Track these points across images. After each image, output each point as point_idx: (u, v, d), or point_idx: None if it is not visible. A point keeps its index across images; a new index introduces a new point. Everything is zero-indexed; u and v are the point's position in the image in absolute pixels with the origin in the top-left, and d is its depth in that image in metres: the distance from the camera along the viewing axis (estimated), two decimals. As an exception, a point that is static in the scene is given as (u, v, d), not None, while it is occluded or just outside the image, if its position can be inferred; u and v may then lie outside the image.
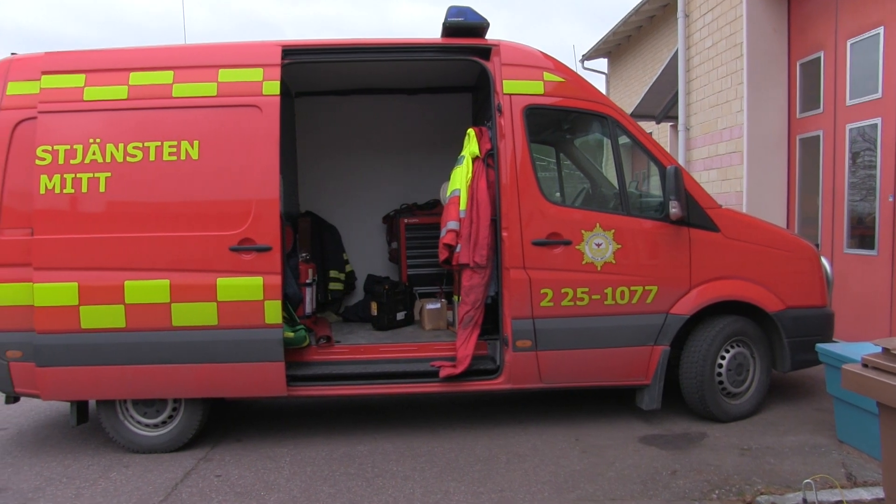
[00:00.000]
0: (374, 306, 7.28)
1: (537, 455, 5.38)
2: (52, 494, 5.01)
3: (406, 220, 7.89)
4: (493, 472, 5.09)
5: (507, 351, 5.71)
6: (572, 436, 5.77)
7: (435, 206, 7.79)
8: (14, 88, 5.63)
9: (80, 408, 5.86)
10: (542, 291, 5.62)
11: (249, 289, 5.43)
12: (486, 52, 5.88)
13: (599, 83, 21.06)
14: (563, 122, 6.76)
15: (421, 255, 7.82)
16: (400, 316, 7.36)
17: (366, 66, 6.84)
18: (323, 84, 7.72)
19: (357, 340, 6.64)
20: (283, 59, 5.70)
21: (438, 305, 7.18)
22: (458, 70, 7.09)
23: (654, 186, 6.45)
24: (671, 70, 12.50)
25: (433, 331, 7.07)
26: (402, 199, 8.30)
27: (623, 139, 5.91)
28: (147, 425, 5.78)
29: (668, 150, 11.98)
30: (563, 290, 5.63)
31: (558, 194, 7.35)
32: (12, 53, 5.89)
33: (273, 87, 5.59)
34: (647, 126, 15.69)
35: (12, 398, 5.95)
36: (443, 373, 5.74)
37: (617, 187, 5.95)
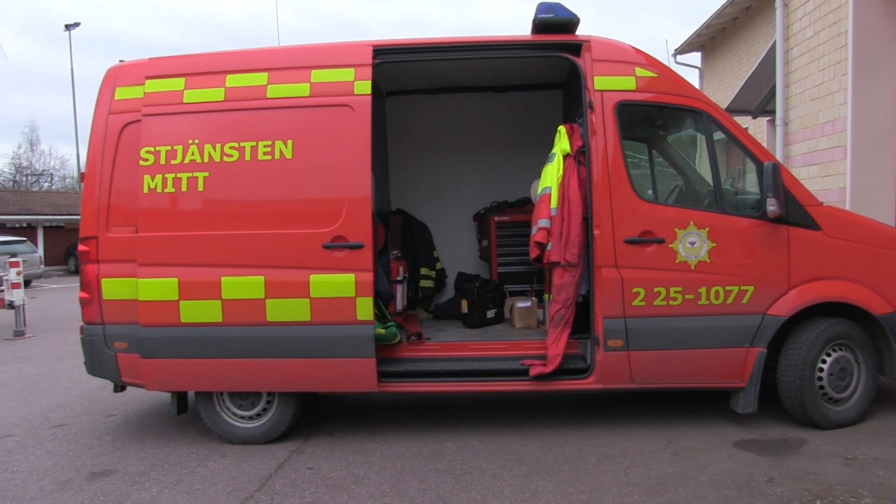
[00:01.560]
0: (464, 304, 7.30)
1: (627, 456, 5.30)
2: (155, 479, 5.23)
3: (496, 218, 7.88)
4: (583, 472, 5.04)
5: (598, 350, 5.64)
6: (663, 438, 5.66)
7: (525, 204, 7.76)
8: (121, 93, 5.89)
9: (180, 398, 6.11)
10: (634, 290, 5.52)
11: (342, 285, 5.51)
12: (576, 48, 5.81)
13: (692, 78, 20.55)
14: (655, 119, 6.63)
15: (511, 253, 7.81)
16: (490, 314, 7.36)
17: (456, 64, 6.85)
18: (413, 83, 7.78)
19: (447, 338, 6.66)
20: (374, 58, 5.77)
21: (529, 304, 7.14)
22: (548, 67, 7.03)
23: (751, 183, 6.26)
24: (768, 62, 12.09)
25: (523, 329, 7.04)
26: (492, 196, 8.29)
27: (718, 135, 5.75)
28: (242, 417, 5.95)
29: (764, 145, 11.59)
30: (655, 290, 5.52)
31: (651, 192, 7.21)
32: (120, 61, 6.15)
33: (364, 87, 5.66)
34: (743, 121, 15.20)
35: (119, 387, 6.22)
36: (533, 371, 5.71)
37: (711, 184, 5.79)
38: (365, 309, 5.53)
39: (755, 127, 15.98)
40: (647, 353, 5.59)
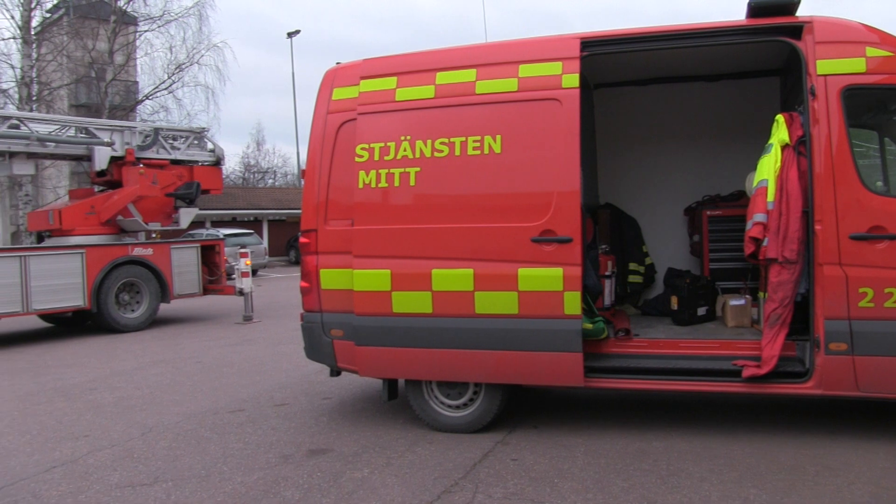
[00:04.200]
0: (674, 300, 7.09)
1: (851, 471, 4.92)
2: (367, 460, 5.51)
3: (709, 213, 7.59)
4: (799, 483, 4.74)
5: (819, 353, 5.28)
6: (894, 454, 5.21)
7: (740, 198, 7.41)
8: (338, 94, 6.22)
9: (391, 385, 6.35)
10: (861, 290, 5.12)
11: (550, 279, 5.51)
12: (796, 30, 5.46)
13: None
14: (889, 103, 6.08)
15: (724, 249, 7.49)
16: (701, 311, 7.09)
17: (665, 53, 6.62)
18: (621, 74, 7.63)
19: (656, 335, 6.50)
20: (581, 51, 5.72)
21: (743, 302, 6.82)
22: (764, 52, 6.65)
23: None
24: None
25: (736, 328, 6.74)
26: (704, 190, 7.98)
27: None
28: (449, 406, 6.12)
29: None
30: (886, 291, 5.08)
31: (881, 183, 6.64)
32: (337, 63, 6.48)
33: (572, 80, 5.62)
34: None
35: (335, 372, 6.58)
36: (746, 372, 5.44)
37: (959, 175, 5.25)
38: (573, 303, 5.50)
39: None
40: (876, 360, 5.16)
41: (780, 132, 5.59)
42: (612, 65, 7.00)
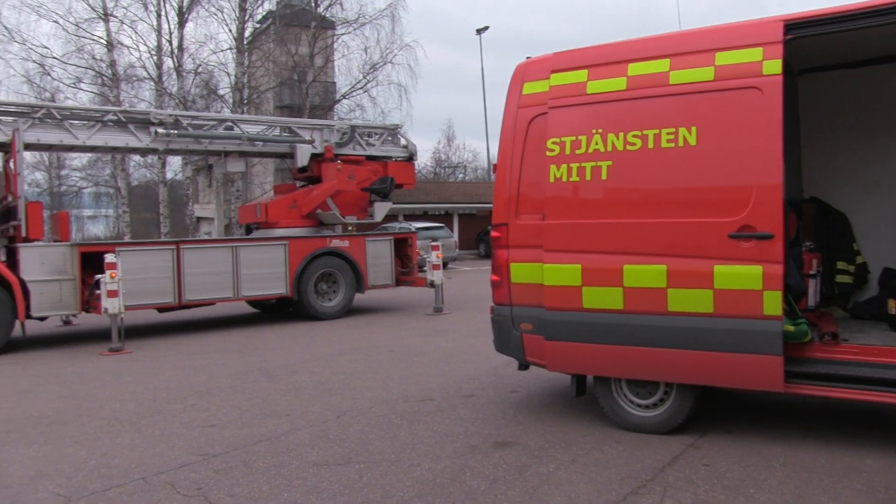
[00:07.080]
0: (891, 304, 6.50)
1: None
2: (553, 455, 5.49)
3: (934, 207, 6.92)
4: None
5: None
6: None
7: (973, 191, 6.71)
8: (529, 88, 6.23)
9: (580, 381, 6.29)
10: None
11: (748, 277, 5.25)
12: None
13: None
14: None
15: (953, 248, 6.81)
16: (924, 316, 6.49)
17: (884, 31, 6.09)
18: (829, 57, 7.09)
19: (868, 341, 5.99)
20: (784, 35, 5.38)
21: (974, 307, 6.17)
22: None
23: None
24: None
25: (967, 337, 6.10)
26: (926, 182, 7.28)
27: None
28: (639, 405, 5.97)
29: None
30: None
31: None
32: (527, 57, 6.49)
33: (774, 67, 5.31)
34: None
35: (523, 365, 6.61)
36: (979, 387, 4.91)
37: None
38: (773, 303, 5.20)
39: None
40: None
41: None
42: (818, 48, 6.53)
